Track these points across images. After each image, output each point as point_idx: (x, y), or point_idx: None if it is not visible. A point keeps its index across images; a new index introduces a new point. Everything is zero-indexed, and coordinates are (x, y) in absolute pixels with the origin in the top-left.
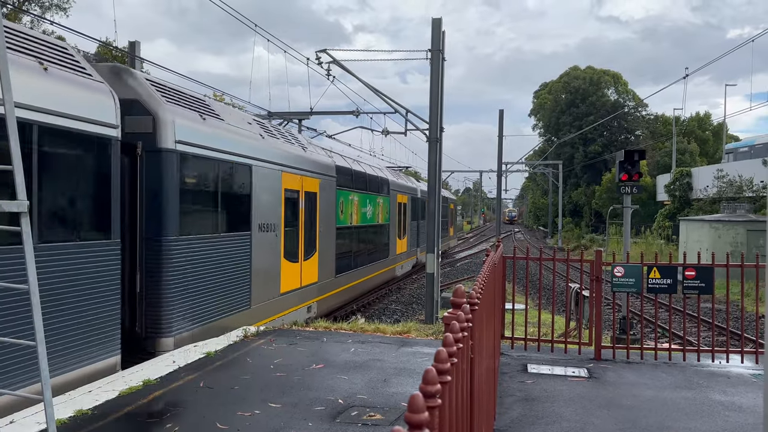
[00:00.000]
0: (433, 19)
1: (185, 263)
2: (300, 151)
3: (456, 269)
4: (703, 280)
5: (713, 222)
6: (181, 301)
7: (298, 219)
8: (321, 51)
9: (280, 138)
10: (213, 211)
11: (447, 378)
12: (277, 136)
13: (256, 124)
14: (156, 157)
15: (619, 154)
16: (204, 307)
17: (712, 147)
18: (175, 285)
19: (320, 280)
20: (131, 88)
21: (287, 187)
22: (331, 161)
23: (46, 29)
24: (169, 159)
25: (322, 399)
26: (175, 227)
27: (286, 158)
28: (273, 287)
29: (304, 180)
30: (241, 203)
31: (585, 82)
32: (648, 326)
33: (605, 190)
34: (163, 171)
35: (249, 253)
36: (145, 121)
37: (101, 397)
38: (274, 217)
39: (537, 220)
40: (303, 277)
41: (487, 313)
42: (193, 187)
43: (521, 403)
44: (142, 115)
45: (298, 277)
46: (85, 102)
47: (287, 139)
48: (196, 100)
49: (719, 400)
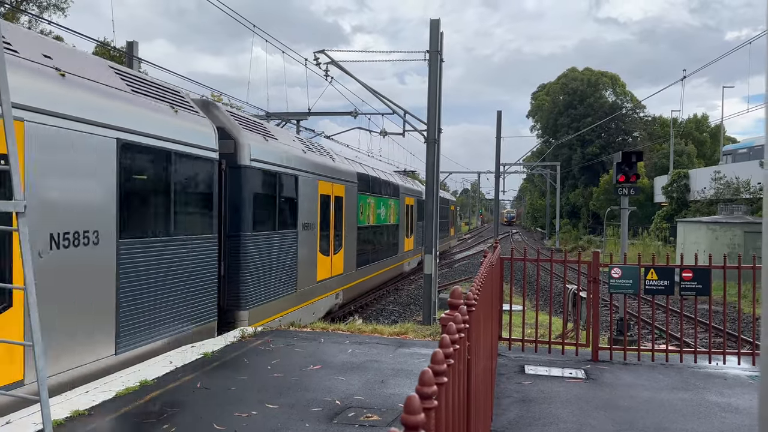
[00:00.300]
0: (432, 20)
1: (255, 253)
2: (330, 161)
3: (454, 270)
4: (700, 281)
5: (710, 224)
6: (252, 283)
7: (329, 219)
8: (319, 52)
9: (316, 152)
10: (273, 212)
11: (443, 379)
12: (314, 150)
13: (298, 141)
14: (236, 171)
15: (617, 156)
16: (266, 288)
17: (710, 149)
18: (248, 270)
19: (345, 272)
20: (217, 119)
21: (322, 192)
22: (353, 169)
23: (44, 29)
24: (246, 173)
25: (319, 400)
26: (249, 226)
27: (320, 169)
28: (312, 275)
29: (334, 186)
30: (291, 206)
31: (583, 83)
32: (645, 328)
33: (603, 192)
34: (242, 182)
35: (296, 247)
36: (228, 144)
37: (98, 398)
38: (313, 217)
39: (535, 221)
40: (333, 269)
41: (484, 314)
42: (260, 194)
43: (518, 405)
44: (226, 139)
45: (329, 268)
46: (197, 133)
47: (321, 152)
48: (259, 125)
49: (716, 401)
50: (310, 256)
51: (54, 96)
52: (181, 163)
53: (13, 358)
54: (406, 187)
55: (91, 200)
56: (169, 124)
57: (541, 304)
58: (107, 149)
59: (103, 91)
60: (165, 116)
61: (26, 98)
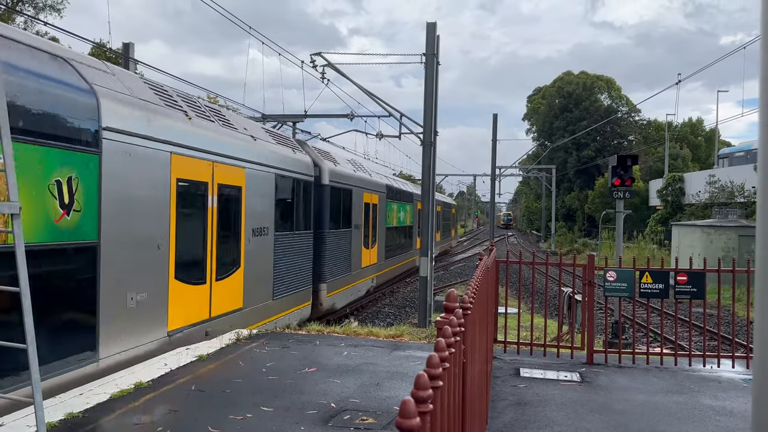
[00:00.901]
0: (428, 23)
1: (330, 244)
2: (369, 177)
3: (449, 273)
4: (694, 285)
5: (705, 227)
6: (328, 264)
7: (369, 221)
8: (316, 54)
9: (360, 171)
10: (339, 216)
11: (439, 383)
12: (360, 170)
13: (350, 163)
14: (320, 189)
15: (612, 159)
16: (335, 268)
17: (705, 152)
18: (326, 255)
19: (378, 262)
20: (307, 153)
21: (365, 201)
22: (383, 182)
23: (39, 30)
24: (325, 189)
25: (314, 403)
26: (327, 225)
27: (364, 183)
28: (359, 262)
29: (372, 196)
30: (347, 211)
31: (578, 87)
32: (640, 331)
33: (598, 195)
34: (323, 196)
35: (350, 241)
36: (315, 170)
37: (92, 400)
38: (359, 219)
39: (530, 224)
40: (371, 259)
41: (479, 317)
42: (334, 203)
43: (513, 408)
44: (314, 166)
45: (369, 258)
46: (304, 164)
47: (363, 171)
48: (330, 154)
49: (710, 404)
50: (358, 248)
51: (267, 154)
52: (298, 185)
53: (240, 294)
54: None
55: (264, 210)
56: (293, 160)
57: (536, 307)
58: (271, 180)
59: (271, 148)
60: (291, 156)
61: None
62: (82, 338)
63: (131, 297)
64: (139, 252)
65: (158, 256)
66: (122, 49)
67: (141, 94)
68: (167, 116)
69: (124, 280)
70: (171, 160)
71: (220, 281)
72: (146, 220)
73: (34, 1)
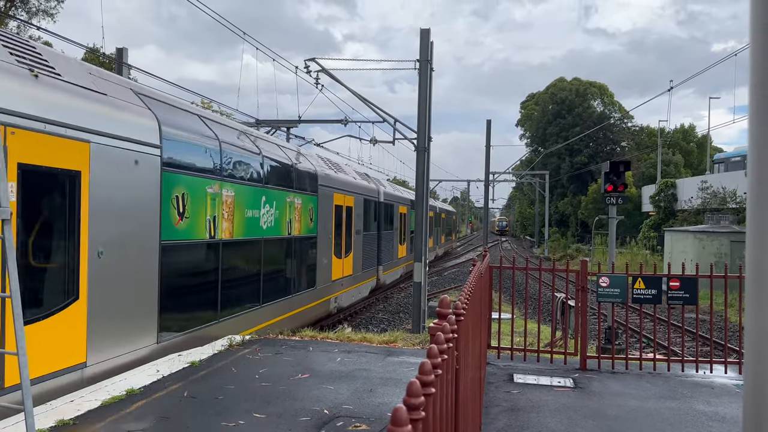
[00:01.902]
0: (422, 29)
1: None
2: (400, 194)
3: (443, 278)
4: (687, 290)
5: (697, 233)
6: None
7: (399, 226)
8: (310, 59)
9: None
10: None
11: (431, 390)
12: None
13: (389, 184)
14: (378, 204)
15: (605, 166)
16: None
17: (697, 158)
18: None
19: (406, 256)
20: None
21: (400, 212)
22: (409, 197)
23: (33, 35)
24: (382, 205)
25: (307, 409)
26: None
27: (399, 199)
28: (396, 254)
29: (402, 208)
30: (392, 218)
31: (571, 93)
32: (633, 336)
33: (591, 201)
34: (379, 209)
35: (393, 239)
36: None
37: (83, 407)
38: (396, 224)
39: (524, 229)
40: (402, 253)
41: (473, 323)
42: (386, 214)
43: (507, 414)
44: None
45: (402, 252)
46: (374, 191)
47: (395, 189)
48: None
49: (703, 410)
50: (396, 244)
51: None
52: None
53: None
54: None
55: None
56: (367, 188)
57: (529, 312)
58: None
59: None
60: (367, 185)
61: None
62: None
63: None
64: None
65: None
66: (116, 54)
67: None
68: None
69: None
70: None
71: (346, 258)
72: None
73: (28, 5)
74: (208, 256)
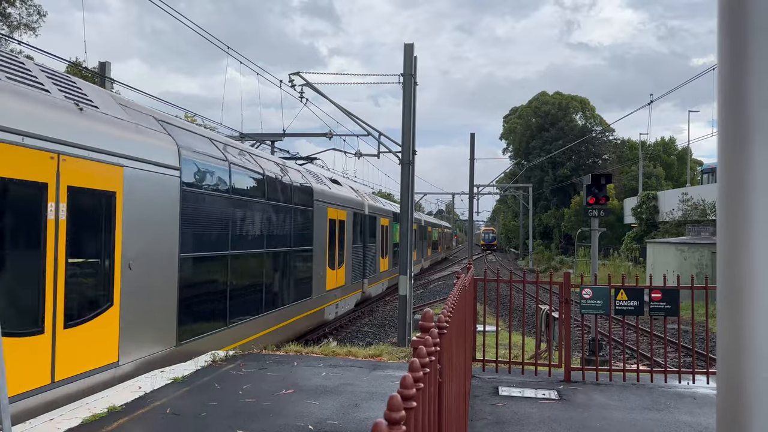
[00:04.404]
0: (405, 44)
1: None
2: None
3: (429, 291)
4: (668, 302)
5: (679, 244)
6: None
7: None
8: (294, 74)
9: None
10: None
11: (412, 404)
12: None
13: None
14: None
15: (587, 178)
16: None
17: (677, 171)
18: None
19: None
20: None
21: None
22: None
23: (14, 49)
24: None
25: (291, 425)
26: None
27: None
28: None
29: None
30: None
31: (554, 107)
32: (617, 348)
33: (574, 213)
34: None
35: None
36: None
37: (62, 426)
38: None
39: (508, 241)
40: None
41: (457, 336)
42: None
43: (492, 426)
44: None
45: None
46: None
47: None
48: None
49: (686, 420)
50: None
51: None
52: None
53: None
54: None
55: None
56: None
57: (514, 325)
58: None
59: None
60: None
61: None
62: None
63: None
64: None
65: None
66: (98, 68)
67: None
68: None
69: None
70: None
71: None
72: None
73: (9, 19)
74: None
